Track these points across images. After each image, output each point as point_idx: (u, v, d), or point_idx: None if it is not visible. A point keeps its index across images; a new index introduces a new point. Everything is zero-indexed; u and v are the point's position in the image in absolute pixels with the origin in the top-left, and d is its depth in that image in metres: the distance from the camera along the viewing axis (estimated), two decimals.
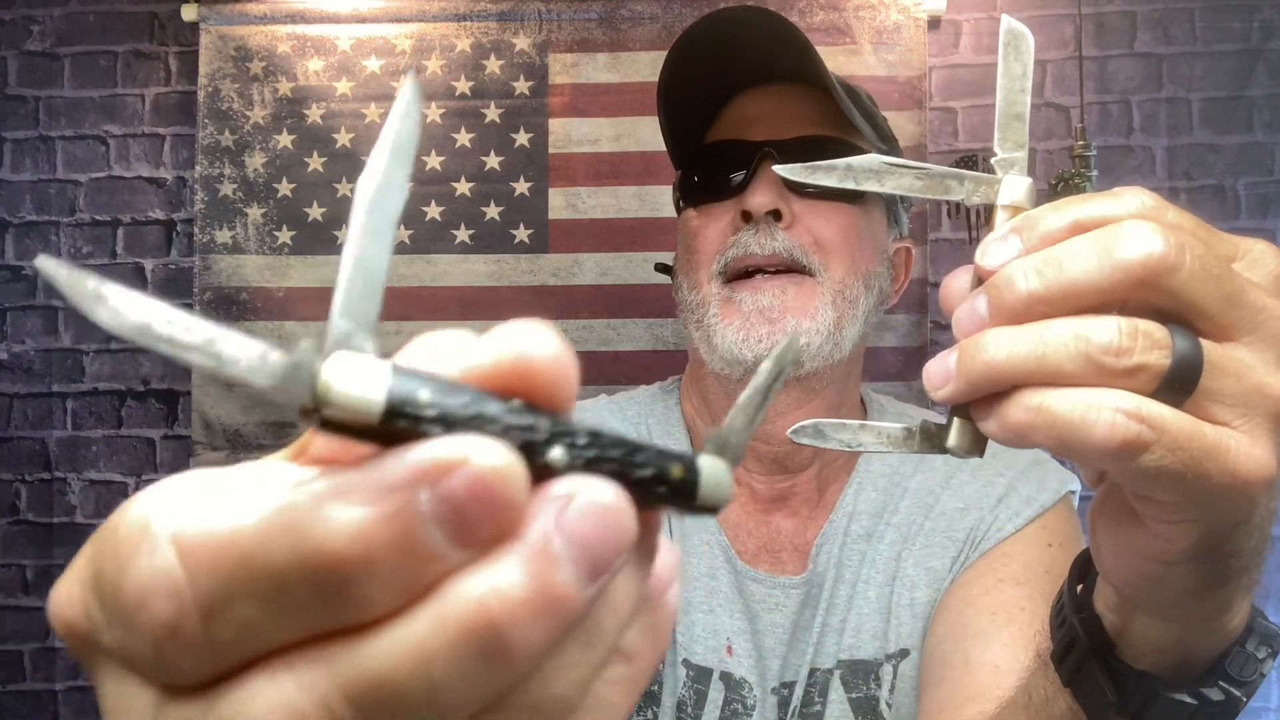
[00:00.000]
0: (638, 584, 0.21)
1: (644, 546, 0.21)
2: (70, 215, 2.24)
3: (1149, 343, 0.32)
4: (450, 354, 0.20)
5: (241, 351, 0.19)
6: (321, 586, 0.18)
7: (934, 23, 2.18)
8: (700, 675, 0.78)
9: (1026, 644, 0.66)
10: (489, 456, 0.18)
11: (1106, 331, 0.32)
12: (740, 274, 0.78)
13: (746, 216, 0.77)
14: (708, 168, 0.81)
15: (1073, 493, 0.81)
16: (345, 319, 0.20)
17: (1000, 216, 0.36)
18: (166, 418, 2.22)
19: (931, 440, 0.37)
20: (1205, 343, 0.33)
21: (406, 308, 2.17)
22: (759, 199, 0.76)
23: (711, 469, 0.23)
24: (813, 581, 0.81)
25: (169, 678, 0.19)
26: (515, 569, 0.18)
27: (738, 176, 0.78)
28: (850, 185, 0.36)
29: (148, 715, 0.19)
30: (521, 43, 2.20)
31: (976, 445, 0.37)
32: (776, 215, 0.77)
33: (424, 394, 0.19)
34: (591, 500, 0.19)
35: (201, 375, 2.14)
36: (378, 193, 0.22)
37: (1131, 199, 0.34)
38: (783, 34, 0.75)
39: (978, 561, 0.76)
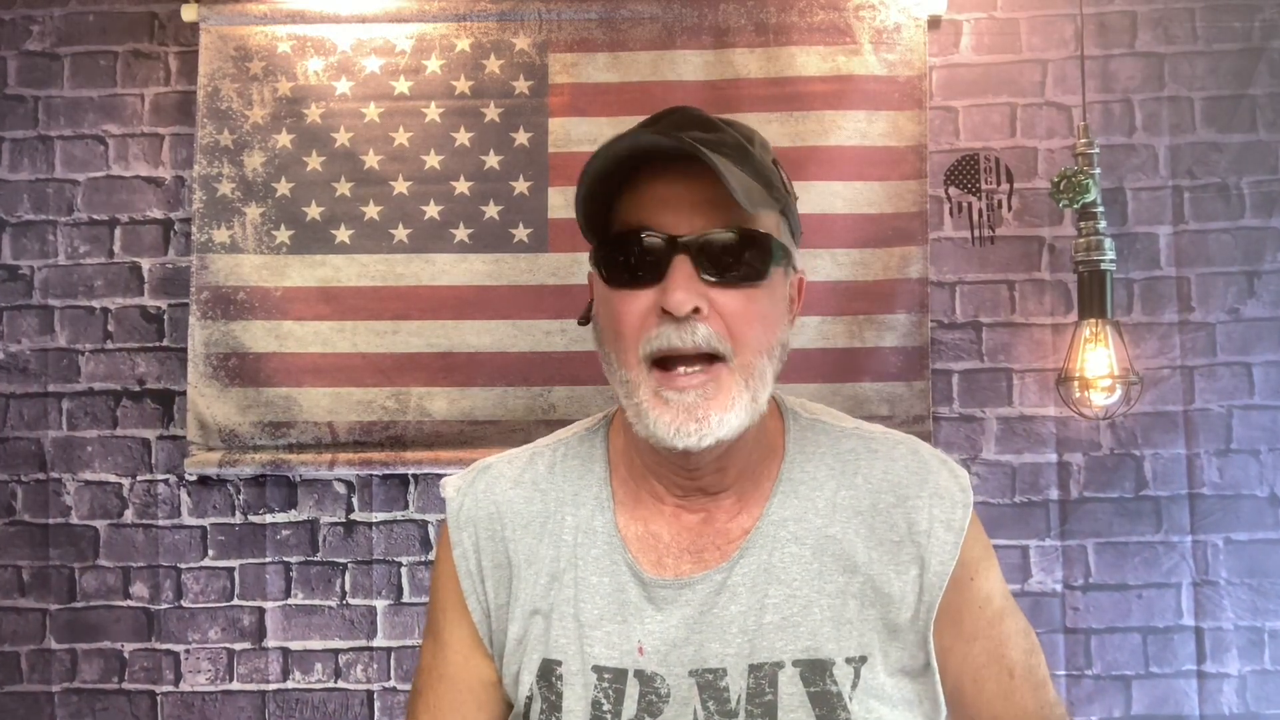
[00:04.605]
0: None
1: None
2: (68, 214, 2.23)
3: None
4: None
5: None
6: None
7: (934, 23, 2.17)
8: (616, 676, 0.88)
9: None
10: None
11: None
12: (663, 359, 0.85)
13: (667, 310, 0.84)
14: (626, 252, 0.87)
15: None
16: None
17: None
18: (162, 418, 2.21)
19: None
20: None
21: (406, 307, 2.16)
22: (680, 297, 0.82)
23: None
24: (731, 574, 0.89)
25: None
26: None
27: (655, 268, 0.85)
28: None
29: None
30: (521, 43, 2.20)
31: None
32: (695, 309, 0.83)
33: None
34: None
35: (196, 374, 2.13)
36: None
37: None
38: (701, 120, 0.83)
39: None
